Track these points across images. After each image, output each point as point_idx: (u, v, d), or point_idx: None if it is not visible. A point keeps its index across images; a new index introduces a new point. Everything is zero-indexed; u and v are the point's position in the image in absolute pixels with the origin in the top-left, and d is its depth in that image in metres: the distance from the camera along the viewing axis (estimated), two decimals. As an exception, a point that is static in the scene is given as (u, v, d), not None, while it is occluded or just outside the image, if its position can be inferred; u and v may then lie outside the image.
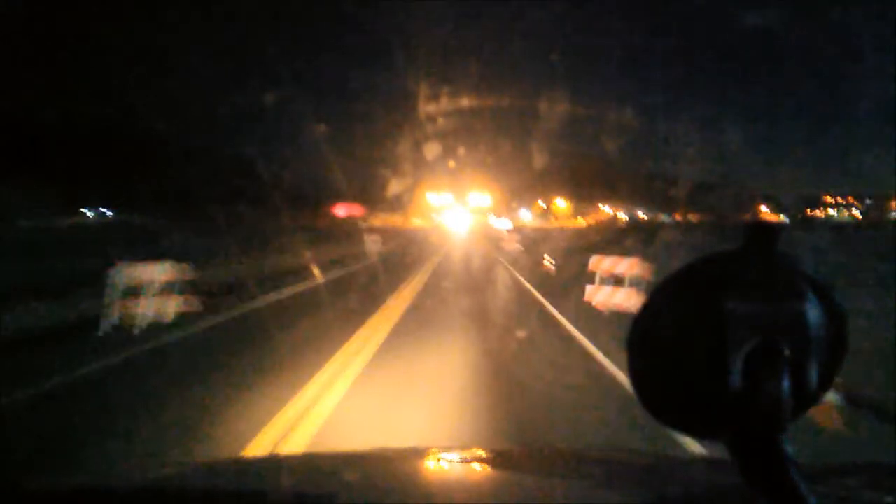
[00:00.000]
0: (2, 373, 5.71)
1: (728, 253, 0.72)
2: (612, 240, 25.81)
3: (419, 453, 1.69)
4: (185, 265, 8.59)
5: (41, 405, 4.76)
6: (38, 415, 4.53)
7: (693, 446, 3.25)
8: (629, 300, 9.24)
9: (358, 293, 11.92)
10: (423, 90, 19.46)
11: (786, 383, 0.71)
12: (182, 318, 8.14)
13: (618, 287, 9.78)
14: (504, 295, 12.62)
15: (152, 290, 8.03)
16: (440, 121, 20.74)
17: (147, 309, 7.88)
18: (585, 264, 10.75)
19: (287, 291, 12.32)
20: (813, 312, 0.72)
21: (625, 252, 11.34)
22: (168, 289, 8.20)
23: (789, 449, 0.71)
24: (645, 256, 10.05)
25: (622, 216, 64.77)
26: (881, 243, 22.80)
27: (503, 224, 56.98)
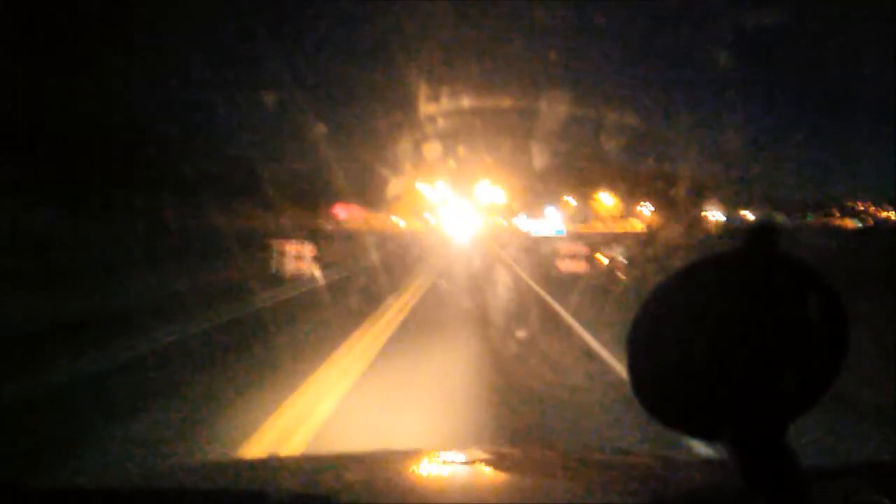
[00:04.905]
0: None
1: (729, 253, 0.72)
2: None
3: (419, 454, 1.69)
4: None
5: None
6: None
7: (693, 446, 3.25)
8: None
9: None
10: (423, 90, 19.24)
11: (786, 383, 0.71)
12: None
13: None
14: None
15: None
16: (440, 120, 20.35)
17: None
18: None
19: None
20: (814, 312, 0.72)
21: None
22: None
23: (789, 449, 0.71)
24: None
25: (713, 216, 44.26)
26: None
27: (542, 226, 34.13)
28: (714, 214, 44.00)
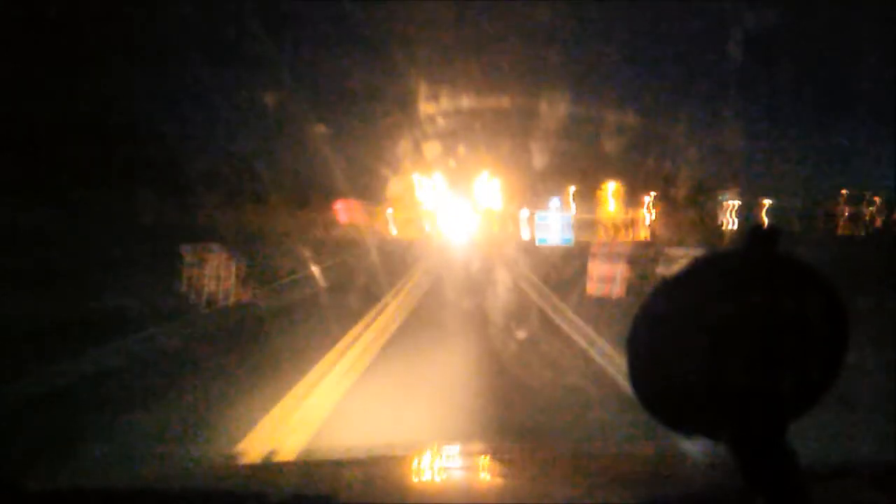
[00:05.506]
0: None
1: (729, 253, 0.72)
2: None
3: (419, 453, 1.69)
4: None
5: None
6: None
7: (693, 446, 3.24)
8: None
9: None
10: (423, 90, 19.06)
11: (786, 383, 0.71)
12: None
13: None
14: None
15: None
16: (440, 120, 20.06)
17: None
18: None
19: None
20: (813, 311, 0.72)
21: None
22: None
23: (789, 449, 0.71)
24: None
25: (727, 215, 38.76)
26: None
27: (545, 233, 28.80)
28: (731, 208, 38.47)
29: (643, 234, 39.62)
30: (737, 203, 39.95)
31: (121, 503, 1.16)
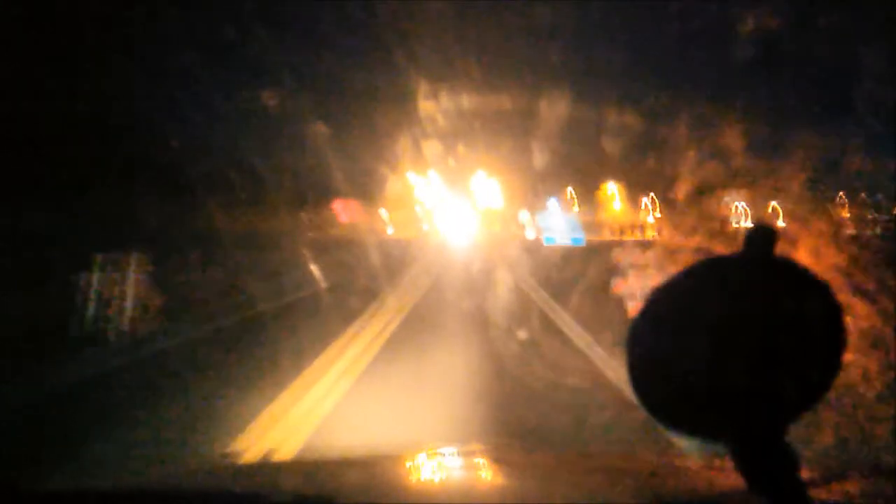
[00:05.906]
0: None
1: (728, 256, 0.73)
2: None
3: (419, 453, 1.69)
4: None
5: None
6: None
7: (693, 446, 3.22)
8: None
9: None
10: (423, 89, 18.92)
11: (786, 384, 0.71)
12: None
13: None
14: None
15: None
16: (440, 120, 19.83)
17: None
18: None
19: None
20: (812, 313, 0.72)
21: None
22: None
23: (790, 449, 0.71)
24: None
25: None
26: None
27: (552, 231, 27.76)
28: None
29: (649, 234, 39.25)
30: (742, 204, 39.58)
31: (121, 503, 1.16)
